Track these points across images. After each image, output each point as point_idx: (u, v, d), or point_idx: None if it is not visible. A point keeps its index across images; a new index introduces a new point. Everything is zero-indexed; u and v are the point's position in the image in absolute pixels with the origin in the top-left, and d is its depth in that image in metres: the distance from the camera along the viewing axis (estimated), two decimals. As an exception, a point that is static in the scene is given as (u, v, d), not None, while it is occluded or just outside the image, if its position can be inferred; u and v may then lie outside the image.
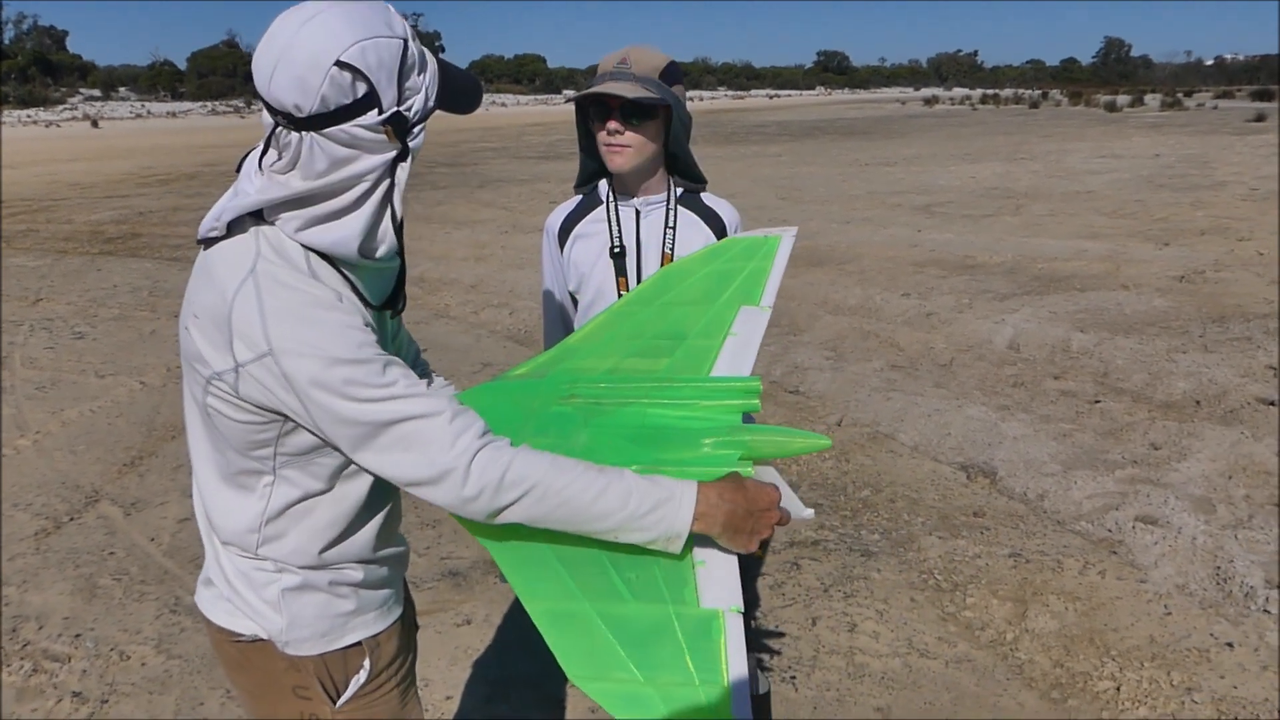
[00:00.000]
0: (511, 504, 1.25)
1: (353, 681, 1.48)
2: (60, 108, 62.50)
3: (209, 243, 1.31)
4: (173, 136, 36.79)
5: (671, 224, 2.19)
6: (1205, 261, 8.82)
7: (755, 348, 1.61)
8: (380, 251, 1.35)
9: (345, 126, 1.22)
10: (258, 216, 1.29)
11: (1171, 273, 8.44)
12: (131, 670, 3.15)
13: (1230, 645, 3.15)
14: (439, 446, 1.24)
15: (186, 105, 69.08)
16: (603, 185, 2.25)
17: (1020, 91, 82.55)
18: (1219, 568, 3.59)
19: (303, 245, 1.29)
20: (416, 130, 1.29)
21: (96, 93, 79.94)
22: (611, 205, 2.21)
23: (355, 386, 1.22)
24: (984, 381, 5.86)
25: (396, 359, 1.29)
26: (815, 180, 17.03)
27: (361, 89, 1.21)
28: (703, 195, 2.27)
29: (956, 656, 3.16)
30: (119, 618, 3.46)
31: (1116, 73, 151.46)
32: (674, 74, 2.11)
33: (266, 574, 1.42)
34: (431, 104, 1.30)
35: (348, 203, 1.28)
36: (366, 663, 1.48)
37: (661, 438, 1.46)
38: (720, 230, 2.23)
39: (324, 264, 1.31)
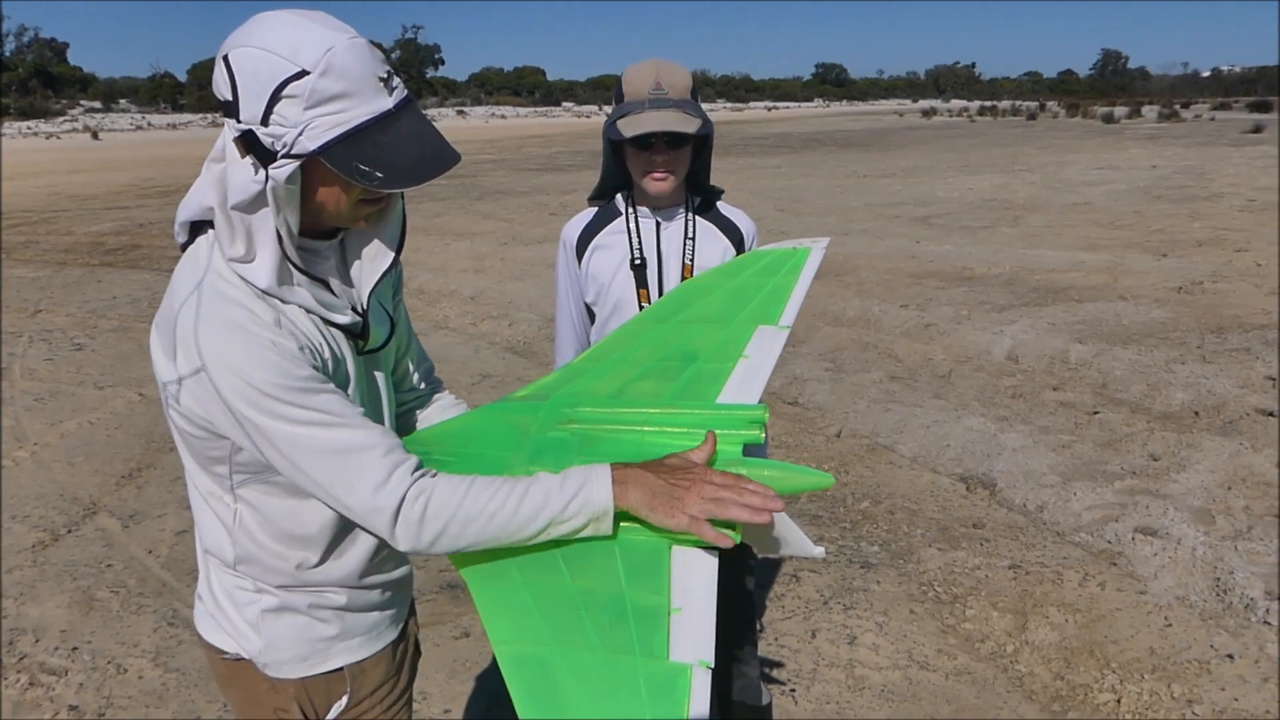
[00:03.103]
0: (439, 535, 1.22)
1: (334, 707, 1.45)
2: (60, 119, 62.64)
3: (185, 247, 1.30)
4: (173, 148, 36.81)
5: (691, 235, 2.18)
6: (1203, 272, 8.83)
7: (767, 373, 1.53)
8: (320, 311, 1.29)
9: (228, 122, 1.20)
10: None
11: (1169, 284, 8.45)
12: (129, 683, 3.14)
13: (1231, 657, 3.15)
14: (370, 482, 1.21)
15: (187, 117, 69.24)
16: (619, 197, 2.23)
17: (1018, 103, 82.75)
18: (1219, 579, 3.58)
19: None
20: (281, 162, 1.16)
21: (97, 105, 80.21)
22: (631, 217, 2.19)
23: (284, 406, 1.18)
24: (983, 393, 5.86)
25: (330, 386, 1.24)
26: (814, 192, 17.06)
27: (227, 92, 1.17)
28: (719, 205, 2.26)
29: (956, 669, 3.15)
30: (116, 630, 3.45)
31: (1114, 84, 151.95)
32: (696, 89, 2.10)
33: (247, 594, 1.40)
34: (312, 147, 1.15)
35: (247, 239, 1.23)
36: (348, 689, 1.46)
37: None
38: (738, 240, 2.22)
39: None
